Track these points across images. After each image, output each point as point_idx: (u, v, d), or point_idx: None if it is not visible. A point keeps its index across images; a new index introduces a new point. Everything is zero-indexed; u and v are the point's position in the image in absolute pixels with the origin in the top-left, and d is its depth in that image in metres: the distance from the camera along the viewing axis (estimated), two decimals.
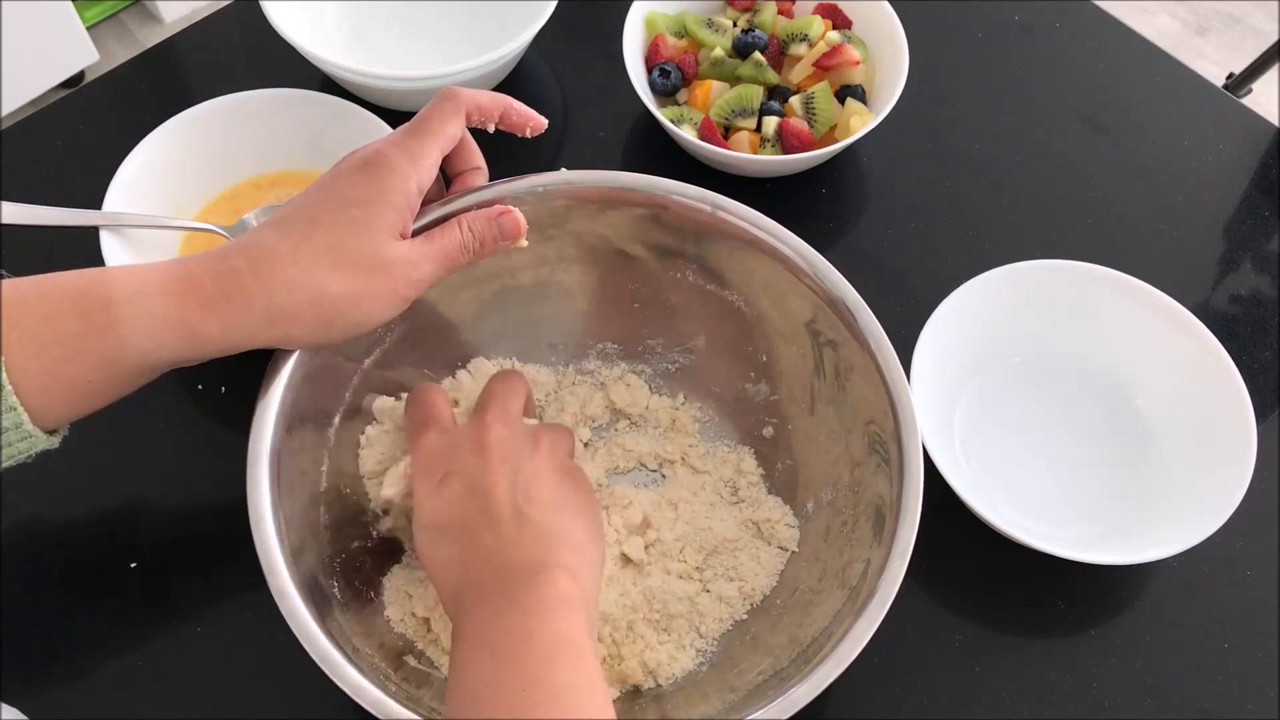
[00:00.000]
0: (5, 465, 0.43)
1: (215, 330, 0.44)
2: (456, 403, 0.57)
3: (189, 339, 0.43)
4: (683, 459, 0.58)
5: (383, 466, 0.54)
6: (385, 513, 0.54)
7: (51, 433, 0.44)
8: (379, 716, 0.42)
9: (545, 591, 0.42)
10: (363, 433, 0.55)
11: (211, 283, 0.44)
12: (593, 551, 0.46)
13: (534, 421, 0.53)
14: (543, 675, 0.39)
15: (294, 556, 0.46)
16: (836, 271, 0.52)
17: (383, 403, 0.55)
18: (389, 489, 0.52)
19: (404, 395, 0.56)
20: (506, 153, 0.73)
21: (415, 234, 0.49)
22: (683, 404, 0.60)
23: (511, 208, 0.51)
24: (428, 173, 0.48)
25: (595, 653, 0.42)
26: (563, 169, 0.54)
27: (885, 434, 0.49)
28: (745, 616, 0.54)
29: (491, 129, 0.53)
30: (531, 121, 0.53)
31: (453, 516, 0.46)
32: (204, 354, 0.44)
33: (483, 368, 0.59)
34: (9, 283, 0.42)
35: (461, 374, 0.59)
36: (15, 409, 0.41)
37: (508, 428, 0.49)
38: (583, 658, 0.40)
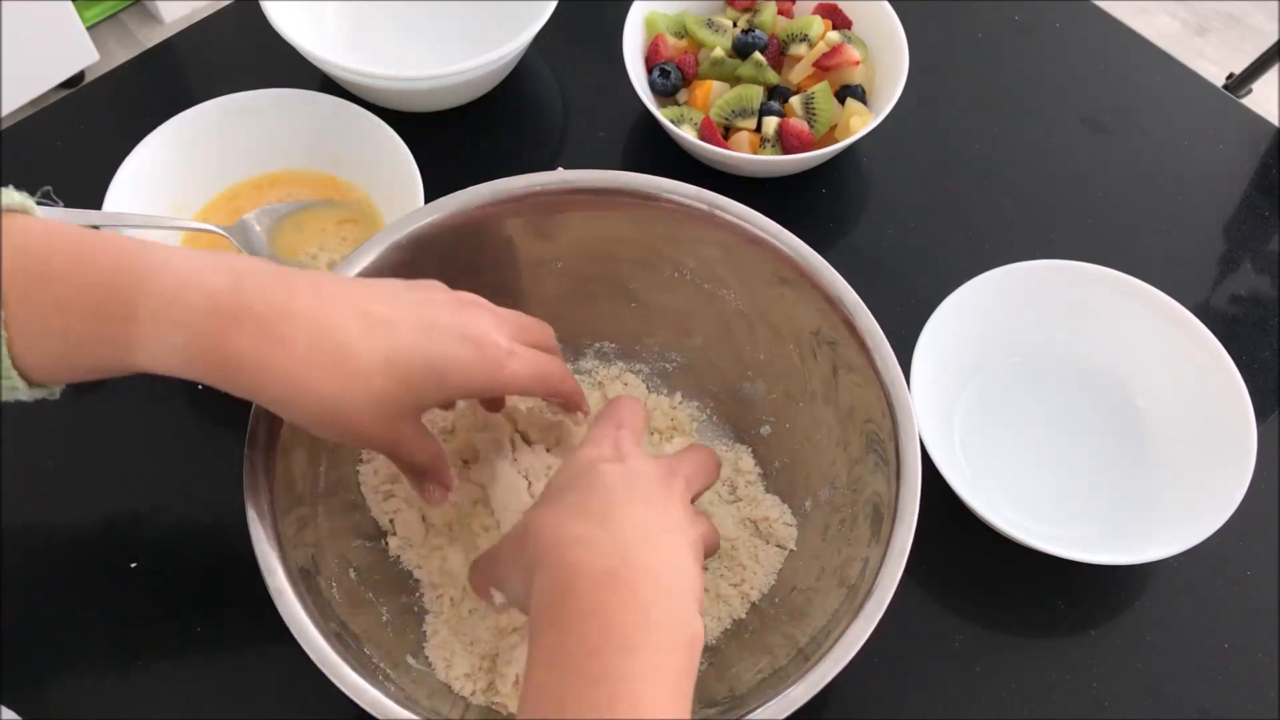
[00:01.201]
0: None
1: (221, 382, 0.41)
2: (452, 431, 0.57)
3: (192, 373, 0.41)
4: None
5: (387, 485, 0.54)
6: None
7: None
8: (377, 717, 0.42)
9: (685, 664, 0.40)
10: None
11: (252, 341, 0.40)
12: (689, 625, 0.42)
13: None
14: None
15: (292, 556, 0.46)
16: (834, 271, 0.52)
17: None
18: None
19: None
20: (507, 152, 0.73)
21: None
22: (680, 403, 0.60)
23: (451, 493, 0.49)
24: (511, 391, 0.47)
25: None
26: (560, 169, 0.54)
27: (883, 433, 0.49)
28: (743, 615, 0.53)
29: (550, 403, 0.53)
30: (582, 409, 0.52)
31: (624, 485, 0.43)
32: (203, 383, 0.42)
33: None
34: (41, 238, 0.39)
35: None
36: (11, 378, 0.40)
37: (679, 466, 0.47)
38: None
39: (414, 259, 0.53)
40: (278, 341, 0.40)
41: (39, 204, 0.42)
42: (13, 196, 0.40)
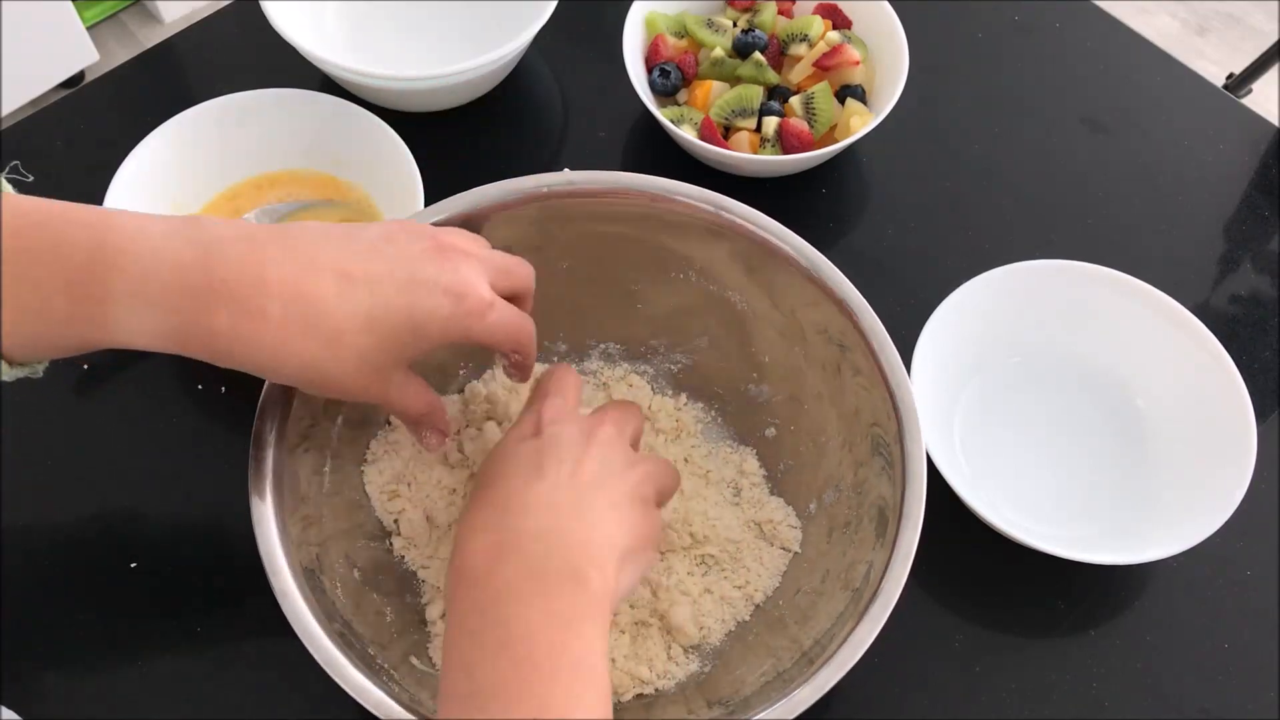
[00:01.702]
0: None
1: (204, 355, 0.41)
2: (464, 428, 0.57)
3: (174, 349, 0.41)
4: (685, 460, 0.58)
5: (392, 486, 0.54)
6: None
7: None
8: (381, 718, 0.42)
9: (574, 598, 0.41)
10: (367, 447, 0.55)
11: (229, 317, 0.40)
12: (637, 558, 0.45)
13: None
14: (558, 693, 0.38)
15: (296, 557, 0.46)
16: (840, 273, 0.52)
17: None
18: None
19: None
20: (507, 152, 0.73)
21: None
22: (685, 405, 0.60)
23: (447, 440, 0.50)
24: (485, 345, 0.46)
25: (608, 676, 0.41)
26: (566, 169, 0.54)
27: (888, 436, 0.49)
28: (748, 618, 0.53)
29: (502, 362, 0.52)
30: (526, 376, 0.51)
31: (531, 463, 0.45)
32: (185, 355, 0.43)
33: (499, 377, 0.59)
34: (11, 216, 0.39)
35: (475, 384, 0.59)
36: None
37: (568, 415, 0.48)
38: (594, 680, 0.40)
39: None
40: (254, 314, 0.40)
41: (8, 180, 0.42)
42: None
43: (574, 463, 0.45)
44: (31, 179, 0.59)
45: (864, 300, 0.51)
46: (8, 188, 0.42)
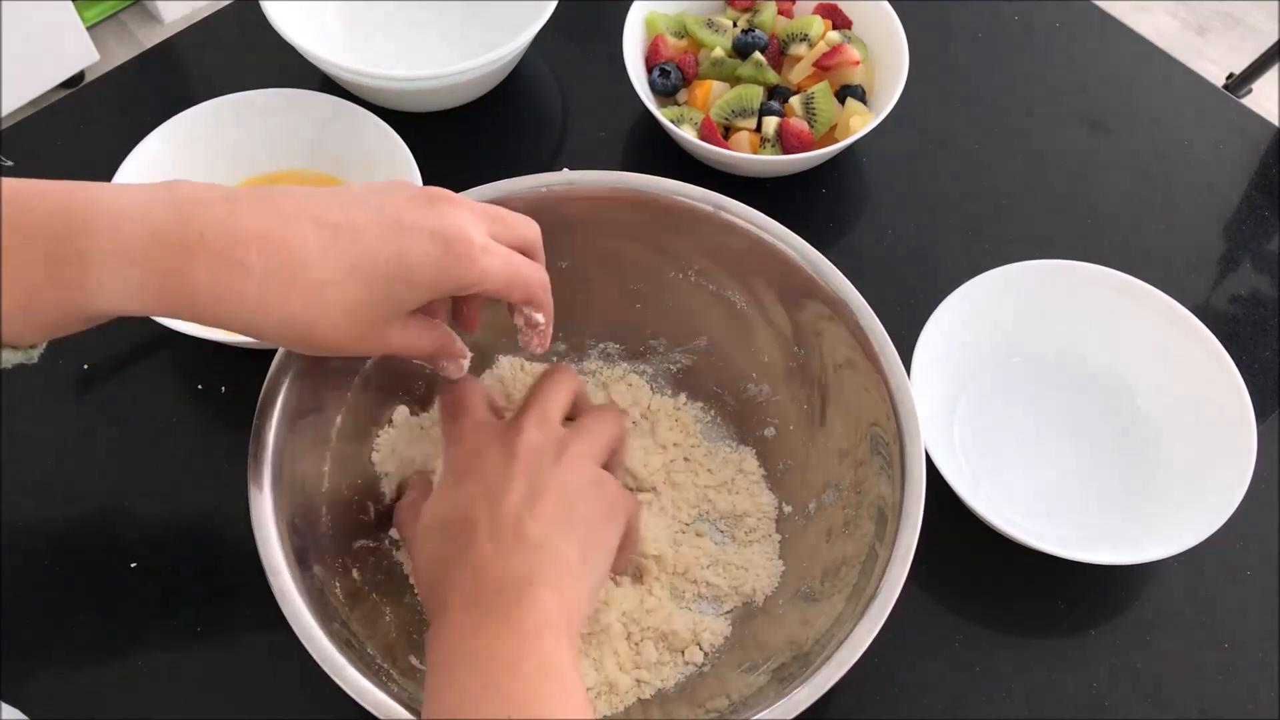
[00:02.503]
0: None
1: (187, 314, 0.40)
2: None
3: (157, 311, 0.40)
4: (685, 459, 0.58)
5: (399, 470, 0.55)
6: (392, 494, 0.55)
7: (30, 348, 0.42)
8: (380, 718, 0.42)
9: (529, 613, 0.41)
10: (376, 437, 0.55)
11: (207, 271, 0.39)
12: (588, 574, 0.45)
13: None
14: (530, 704, 0.39)
15: (296, 556, 0.46)
16: (840, 273, 0.52)
17: (400, 414, 0.56)
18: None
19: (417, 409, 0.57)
20: (507, 152, 0.73)
21: None
22: (685, 404, 0.60)
23: (466, 360, 0.49)
24: (483, 291, 0.44)
25: (579, 680, 0.41)
26: (566, 169, 0.54)
27: (887, 436, 0.49)
28: (746, 618, 0.53)
29: (518, 320, 0.49)
30: (544, 343, 0.50)
31: (460, 515, 0.45)
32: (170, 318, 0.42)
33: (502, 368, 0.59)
34: None
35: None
36: None
37: (541, 431, 0.47)
38: (568, 686, 0.40)
39: None
40: (234, 266, 0.39)
41: None
42: None
43: (535, 486, 0.45)
44: (12, 163, 0.59)
45: (863, 300, 0.51)
46: None
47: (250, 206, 0.40)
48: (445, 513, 0.46)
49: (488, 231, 0.44)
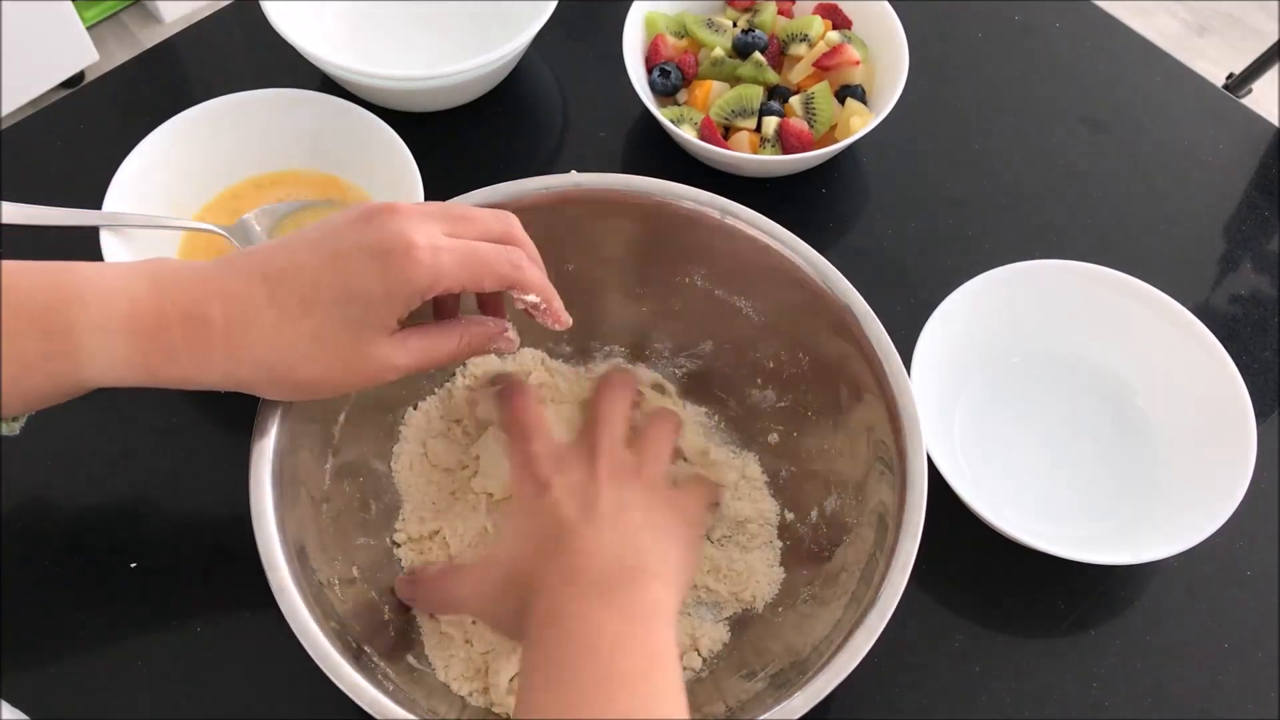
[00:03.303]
0: None
1: (174, 378, 0.43)
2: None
3: (147, 379, 0.43)
4: (686, 460, 0.58)
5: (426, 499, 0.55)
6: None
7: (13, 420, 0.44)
8: (375, 716, 0.42)
9: (641, 596, 0.43)
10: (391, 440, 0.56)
11: (181, 332, 0.42)
12: (685, 572, 0.48)
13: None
14: (641, 684, 0.40)
15: (294, 554, 0.46)
16: (846, 281, 0.52)
17: (410, 415, 0.57)
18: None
19: (418, 403, 0.57)
20: (507, 152, 0.73)
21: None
22: (688, 408, 0.60)
23: (509, 329, 0.49)
24: (447, 289, 0.44)
25: (680, 671, 0.42)
26: (573, 171, 0.54)
27: (890, 445, 0.49)
28: (746, 624, 0.53)
29: (519, 306, 0.48)
30: (557, 318, 0.49)
31: (553, 517, 0.46)
32: (162, 386, 0.44)
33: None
34: None
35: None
36: None
37: (614, 457, 0.50)
38: (674, 674, 0.41)
39: None
40: (200, 324, 0.42)
41: None
42: None
43: (622, 501, 0.48)
44: None
45: (869, 308, 0.51)
46: None
47: (212, 268, 0.43)
48: (534, 516, 0.47)
49: (444, 231, 0.44)
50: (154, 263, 0.44)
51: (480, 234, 0.45)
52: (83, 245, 0.60)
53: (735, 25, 0.73)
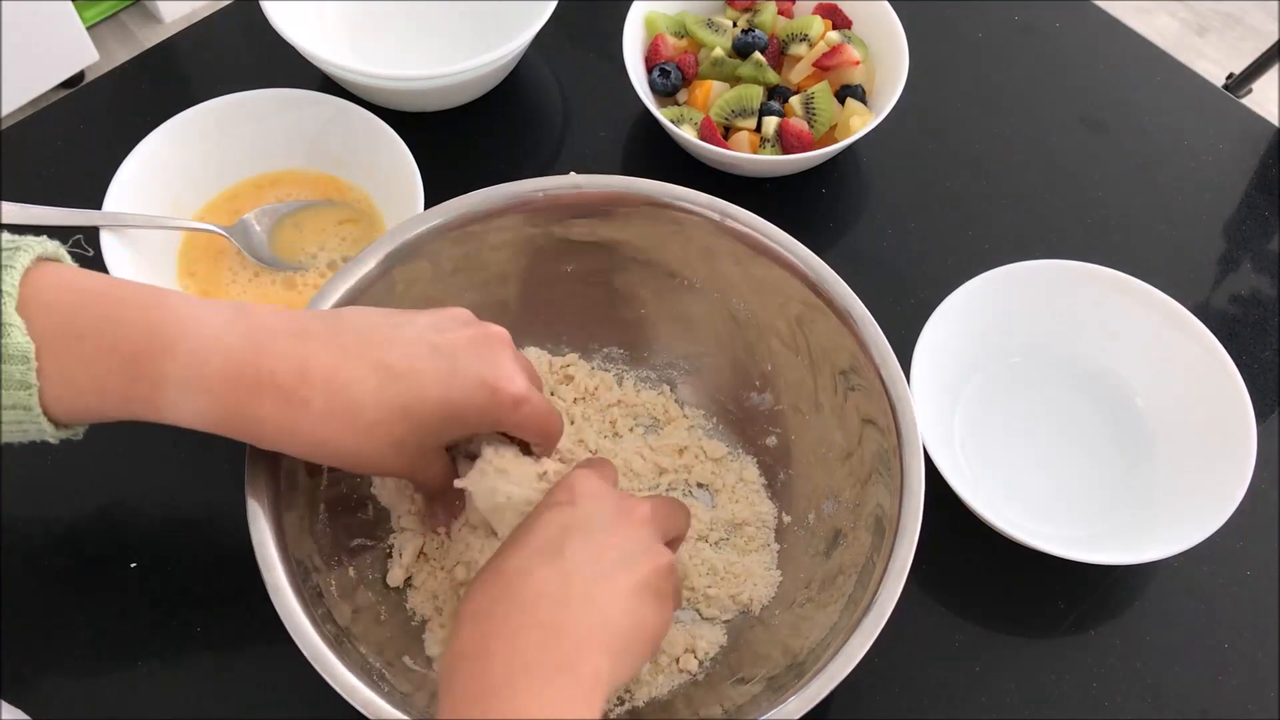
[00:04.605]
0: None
1: (249, 437, 0.43)
2: None
3: (217, 430, 0.43)
4: (685, 464, 0.58)
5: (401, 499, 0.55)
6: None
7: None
8: (370, 717, 0.42)
9: (567, 691, 0.40)
10: None
11: (272, 404, 0.42)
12: (642, 651, 0.44)
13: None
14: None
15: (291, 553, 0.46)
16: (845, 284, 0.52)
17: None
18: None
19: None
20: (507, 152, 0.73)
21: None
22: (686, 411, 0.60)
23: (448, 522, 0.52)
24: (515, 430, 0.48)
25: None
26: (572, 173, 0.54)
27: (887, 447, 0.49)
28: (742, 628, 0.53)
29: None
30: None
31: (555, 537, 0.44)
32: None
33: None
34: (70, 293, 0.40)
35: None
36: (40, 422, 0.41)
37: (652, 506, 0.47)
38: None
39: (422, 261, 0.53)
40: (297, 405, 0.42)
41: (70, 252, 0.44)
42: (46, 245, 0.42)
43: (598, 544, 0.43)
44: (91, 253, 0.60)
45: (867, 312, 0.51)
46: (67, 259, 0.43)
47: (318, 343, 0.43)
48: (544, 530, 0.45)
49: (527, 377, 0.47)
50: (254, 315, 0.43)
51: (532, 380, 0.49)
52: (83, 245, 0.60)
53: (735, 25, 0.73)
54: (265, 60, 0.75)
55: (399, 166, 0.64)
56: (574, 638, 0.41)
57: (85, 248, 0.61)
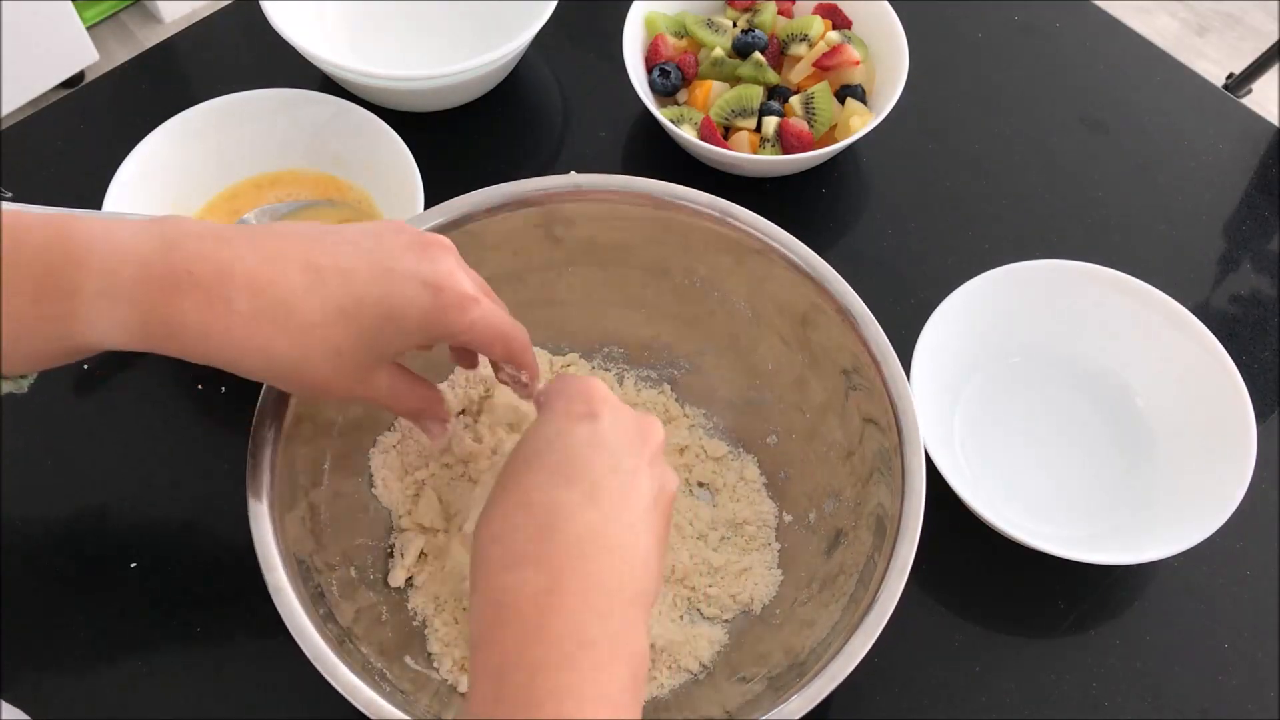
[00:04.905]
0: None
1: (173, 350, 0.40)
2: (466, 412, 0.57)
3: (144, 346, 0.40)
4: (687, 463, 0.58)
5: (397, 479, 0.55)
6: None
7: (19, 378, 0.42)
8: (371, 717, 0.42)
9: (625, 671, 0.37)
10: (374, 444, 0.55)
11: (193, 307, 0.39)
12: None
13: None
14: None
15: (292, 554, 0.46)
16: (846, 284, 0.52)
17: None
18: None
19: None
20: (507, 152, 0.73)
21: None
22: (687, 410, 0.60)
23: (450, 426, 0.48)
24: (470, 345, 0.44)
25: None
26: (572, 172, 0.54)
27: (888, 447, 0.49)
28: (744, 627, 0.53)
29: (500, 377, 0.48)
30: (531, 394, 0.48)
31: (585, 457, 0.41)
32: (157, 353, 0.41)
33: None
34: None
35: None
36: None
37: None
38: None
39: None
40: (220, 303, 0.39)
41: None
42: None
43: (627, 475, 0.41)
44: (11, 195, 0.59)
45: (868, 311, 0.51)
46: None
47: (240, 244, 0.40)
48: (563, 444, 0.41)
49: (477, 286, 0.44)
50: (169, 221, 0.41)
51: (500, 311, 0.45)
52: None
53: (735, 25, 0.73)
54: (265, 60, 0.75)
55: (399, 166, 0.64)
56: (629, 605, 0.38)
57: (2, 190, 0.60)
